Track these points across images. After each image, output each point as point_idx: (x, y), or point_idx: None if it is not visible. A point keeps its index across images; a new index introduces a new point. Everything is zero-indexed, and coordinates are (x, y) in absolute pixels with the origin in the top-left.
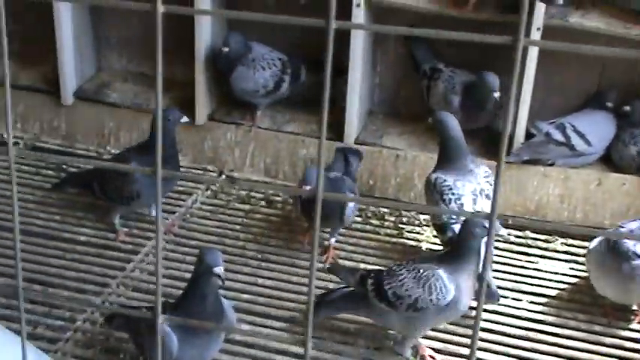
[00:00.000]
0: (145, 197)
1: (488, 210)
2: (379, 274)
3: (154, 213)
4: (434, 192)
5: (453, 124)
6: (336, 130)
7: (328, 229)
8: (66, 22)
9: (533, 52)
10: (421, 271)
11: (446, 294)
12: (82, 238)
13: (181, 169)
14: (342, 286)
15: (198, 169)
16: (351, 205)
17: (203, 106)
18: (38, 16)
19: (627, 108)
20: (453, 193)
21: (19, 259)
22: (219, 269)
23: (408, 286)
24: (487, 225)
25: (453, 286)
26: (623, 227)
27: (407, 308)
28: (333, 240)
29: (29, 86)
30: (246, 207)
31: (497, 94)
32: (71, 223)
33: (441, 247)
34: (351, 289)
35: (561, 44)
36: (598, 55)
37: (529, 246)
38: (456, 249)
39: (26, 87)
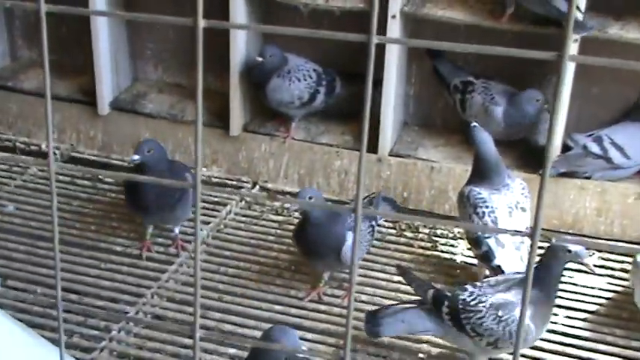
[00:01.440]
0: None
1: (524, 223)
2: (455, 300)
3: (176, 231)
4: (467, 205)
5: (486, 139)
6: (371, 141)
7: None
8: (103, 34)
9: (571, 64)
10: (500, 313)
11: (527, 336)
12: (118, 248)
13: (215, 179)
14: (395, 303)
15: (232, 180)
16: (348, 243)
17: (238, 117)
18: (75, 28)
19: None
20: (487, 207)
21: (58, 270)
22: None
23: (488, 326)
24: (572, 249)
25: (533, 326)
26: None
27: (486, 344)
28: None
29: (66, 97)
30: (280, 218)
31: (546, 105)
32: (107, 233)
33: (475, 260)
34: (420, 307)
35: (604, 60)
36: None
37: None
38: (538, 275)
39: (63, 98)
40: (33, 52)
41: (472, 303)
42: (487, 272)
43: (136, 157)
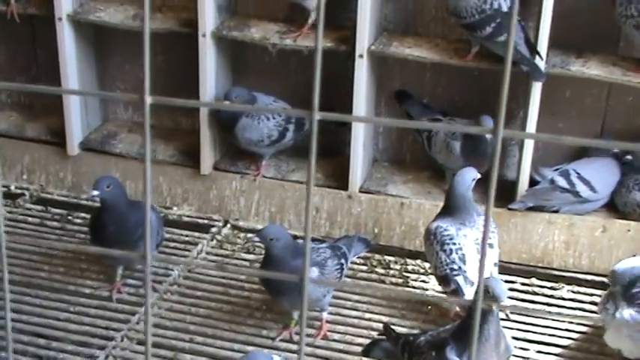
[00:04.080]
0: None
1: (492, 259)
2: (412, 344)
3: (119, 271)
4: (434, 242)
5: (459, 176)
6: (341, 178)
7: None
8: (72, 74)
9: (536, 99)
10: (433, 354)
11: None
12: (87, 291)
13: (186, 218)
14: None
15: (203, 219)
16: (313, 278)
17: (208, 156)
18: (44, 69)
19: (629, 157)
20: (454, 243)
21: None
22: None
23: None
24: (490, 289)
25: None
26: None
27: None
28: (324, 314)
29: (35, 138)
30: (251, 257)
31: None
32: (76, 275)
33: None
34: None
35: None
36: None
37: (535, 293)
38: (462, 327)
39: (32, 139)
40: (2, 93)
41: (419, 343)
42: (457, 309)
43: (95, 192)
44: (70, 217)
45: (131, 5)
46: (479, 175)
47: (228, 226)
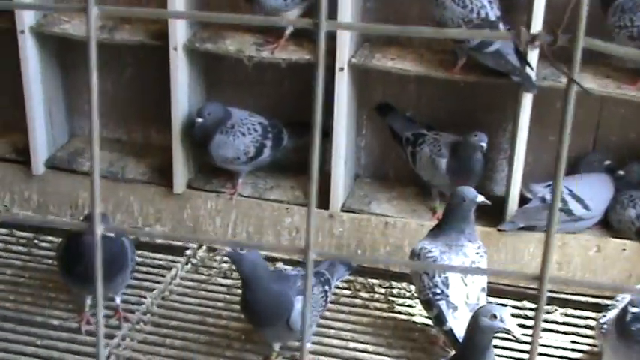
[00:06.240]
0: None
1: (480, 284)
2: None
3: (118, 300)
4: None
5: (460, 191)
6: (322, 197)
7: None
8: (36, 89)
9: (526, 110)
10: None
11: None
12: (55, 322)
13: (159, 240)
14: None
15: (177, 241)
16: (297, 309)
17: (181, 174)
18: (7, 84)
19: (621, 172)
20: None
21: None
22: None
23: None
24: (498, 314)
25: None
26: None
27: None
28: (307, 344)
29: None
30: (228, 282)
31: (484, 144)
32: (43, 305)
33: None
34: None
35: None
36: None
37: (527, 317)
38: (464, 349)
39: None
40: None
41: None
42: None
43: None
44: (36, 241)
45: (98, 17)
46: (482, 198)
47: (204, 248)
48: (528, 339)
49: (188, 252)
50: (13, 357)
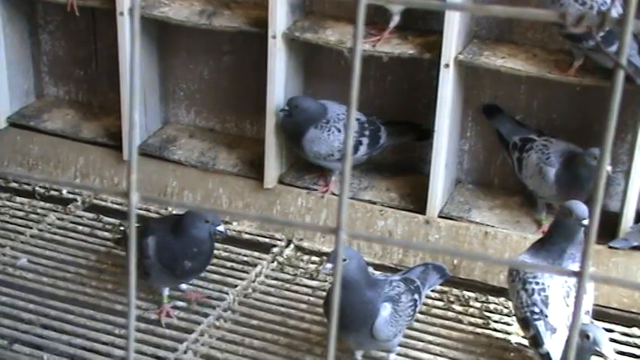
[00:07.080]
0: (153, 279)
1: (585, 306)
2: None
3: (165, 293)
4: (516, 278)
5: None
6: (419, 201)
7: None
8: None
9: None
10: None
11: None
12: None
13: (246, 235)
14: None
15: (264, 237)
16: (384, 316)
17: (273, 168)
18: (104, 69)
19: None
20: (537, 283)
21: None
22: None
23: None
24: (591, 335)
25: None
26: None
27: None
28: (391, 356)
29: (91, 139)
30: (314, 283)
31: (609, 168)
32: (124, 293)
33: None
34: None
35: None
36: None
37: (637, 346)
38: None
39: (88, 140)
40: (60, 89)
41: None
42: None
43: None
44: (122, 228)
45: (197, 0)
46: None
47: (292, 246)
48: None
49: (275, 250)
50: (89, 344)
